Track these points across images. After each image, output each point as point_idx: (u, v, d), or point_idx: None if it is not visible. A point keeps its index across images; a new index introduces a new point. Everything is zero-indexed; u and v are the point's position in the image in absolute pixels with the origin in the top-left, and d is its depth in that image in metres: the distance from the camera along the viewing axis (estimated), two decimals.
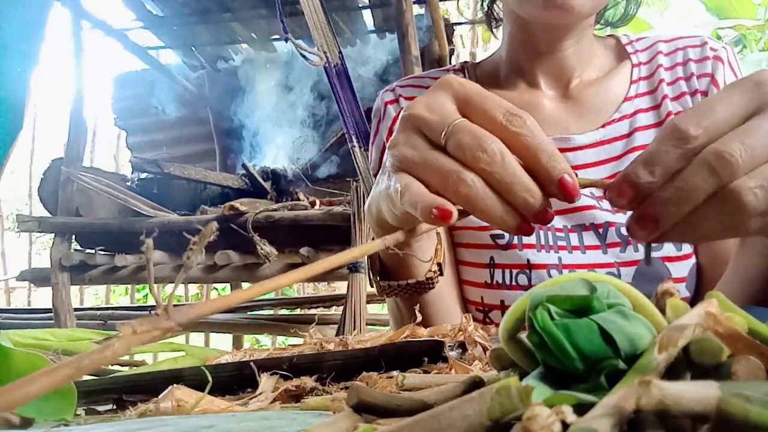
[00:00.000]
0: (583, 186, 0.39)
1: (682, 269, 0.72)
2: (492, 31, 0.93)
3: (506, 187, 0.38)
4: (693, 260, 0.73)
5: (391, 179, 0.43)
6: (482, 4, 0.92)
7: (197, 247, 0.21)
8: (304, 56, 2.28)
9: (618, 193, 0.36)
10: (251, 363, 0.43)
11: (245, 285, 4.56)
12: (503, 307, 0.76)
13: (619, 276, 0.73)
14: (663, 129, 0.36)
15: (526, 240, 0.76)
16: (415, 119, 0.42)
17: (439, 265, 0.64)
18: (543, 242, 0.76)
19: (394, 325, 0.76)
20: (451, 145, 0.39)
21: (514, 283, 0.75)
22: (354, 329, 2.32)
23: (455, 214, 0.38)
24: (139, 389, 0.43)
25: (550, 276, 0.74)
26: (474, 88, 0.41)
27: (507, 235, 0.76)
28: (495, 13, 0.91)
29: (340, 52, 2.42)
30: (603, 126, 0.79)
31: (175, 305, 0.20)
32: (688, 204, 0.34)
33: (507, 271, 0.76)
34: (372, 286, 0.67)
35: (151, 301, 5.38)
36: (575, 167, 0.75)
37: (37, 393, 0.16)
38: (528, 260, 0.75)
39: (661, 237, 0.36)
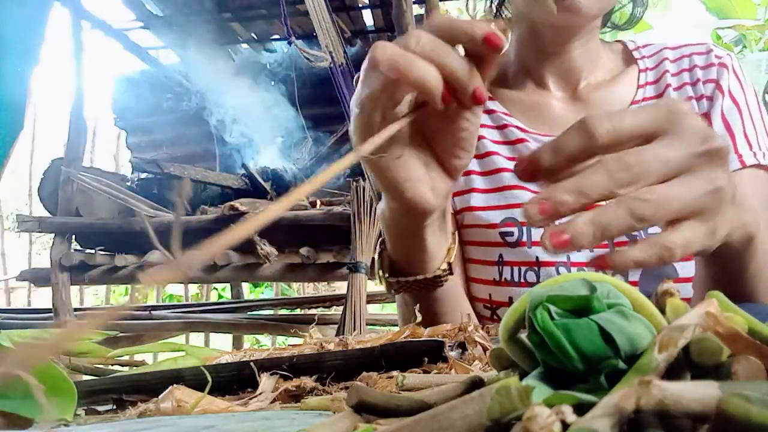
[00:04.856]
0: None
1: (690, 269, 0.72)
2: None
3: (429, 54, 0.41)
4: None
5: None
6: (491, 6, 0.93)
7: None
8: (308, 59, 2.27)
9: (521, 168, 0.39)
10: (251, 363, 0.43)
11: (245, 285, 4.57)
12: (511, 304, 0.76)
13: (626, 274, 0.73)
14: (575, 122, 0.38)
15: (534, 238, 0.76)
16: (363, 74, 0.45)
17: (449, 264, 0.64)
18: None
19: (403, 322, 0.76)
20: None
21: (522, 280, 0.76)
22: (354, 329, 2.32)
23: None
24: (139, 389, 0.43)
25: (558, 273, 0.74)
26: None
27: (516, 233, 0.77)
28: (503, 15, 0.91)
29: (345, 52, 2.41)
30: None
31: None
32: (582, 198, 0.36)
33: (516, 269, 0.76)
34: (381, 284, 0.66)
35: (150, 302, 5.37)
36: None
37: None
38: (537, 257, 0.75)
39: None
